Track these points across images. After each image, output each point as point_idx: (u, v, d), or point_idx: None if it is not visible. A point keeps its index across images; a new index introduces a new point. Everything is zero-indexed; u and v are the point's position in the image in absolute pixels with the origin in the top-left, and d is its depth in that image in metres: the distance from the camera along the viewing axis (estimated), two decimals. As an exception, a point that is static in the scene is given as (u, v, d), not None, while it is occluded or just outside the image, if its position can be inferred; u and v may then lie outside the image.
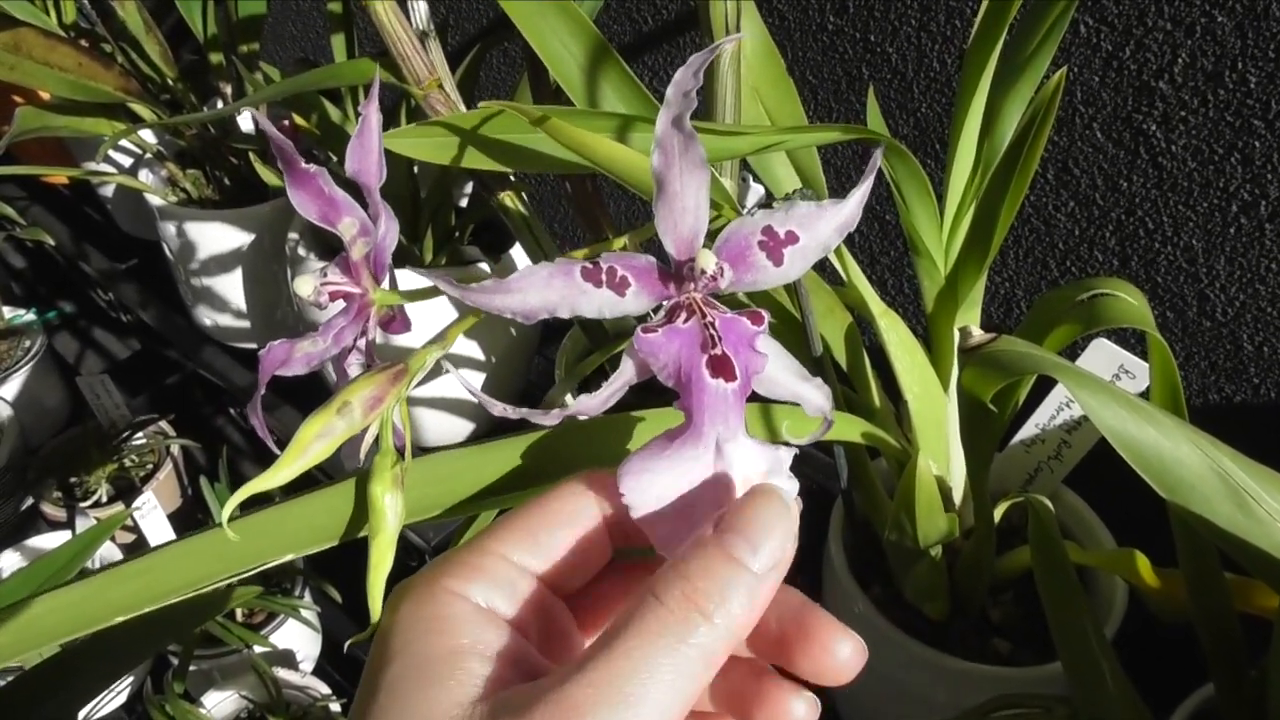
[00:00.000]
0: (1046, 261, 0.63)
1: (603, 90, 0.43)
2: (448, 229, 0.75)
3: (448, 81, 0.51)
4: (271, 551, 0.27)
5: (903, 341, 0.49)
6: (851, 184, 0.72)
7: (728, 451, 0.26)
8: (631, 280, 0.27)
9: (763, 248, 0.27)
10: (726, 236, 0.28)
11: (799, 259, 0.28)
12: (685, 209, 0.27)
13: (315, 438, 0.27)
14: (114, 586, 0.26)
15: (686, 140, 0.26)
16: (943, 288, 0.50)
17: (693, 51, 0.80)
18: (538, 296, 0.26)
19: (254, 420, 0.32)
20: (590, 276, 0.27)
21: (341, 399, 0.27)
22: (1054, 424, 0.55)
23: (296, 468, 0.27)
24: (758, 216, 0.28)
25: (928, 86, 0.63)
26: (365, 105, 0.31)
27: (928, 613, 0.53)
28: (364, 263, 0.31)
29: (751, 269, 0.28)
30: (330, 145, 0.73)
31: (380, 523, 0.28)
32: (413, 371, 0.29)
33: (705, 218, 0.27)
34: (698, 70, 0.25)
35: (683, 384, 0.26)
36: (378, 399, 0.28)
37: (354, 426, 0.28)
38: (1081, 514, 0.57)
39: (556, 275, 0.27)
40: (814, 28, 0.66)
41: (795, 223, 0.27)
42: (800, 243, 0.28)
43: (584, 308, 0.27)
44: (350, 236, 0.31)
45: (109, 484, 1.03)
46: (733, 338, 0.27)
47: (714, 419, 0.26)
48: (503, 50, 0.89)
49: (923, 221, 0.49)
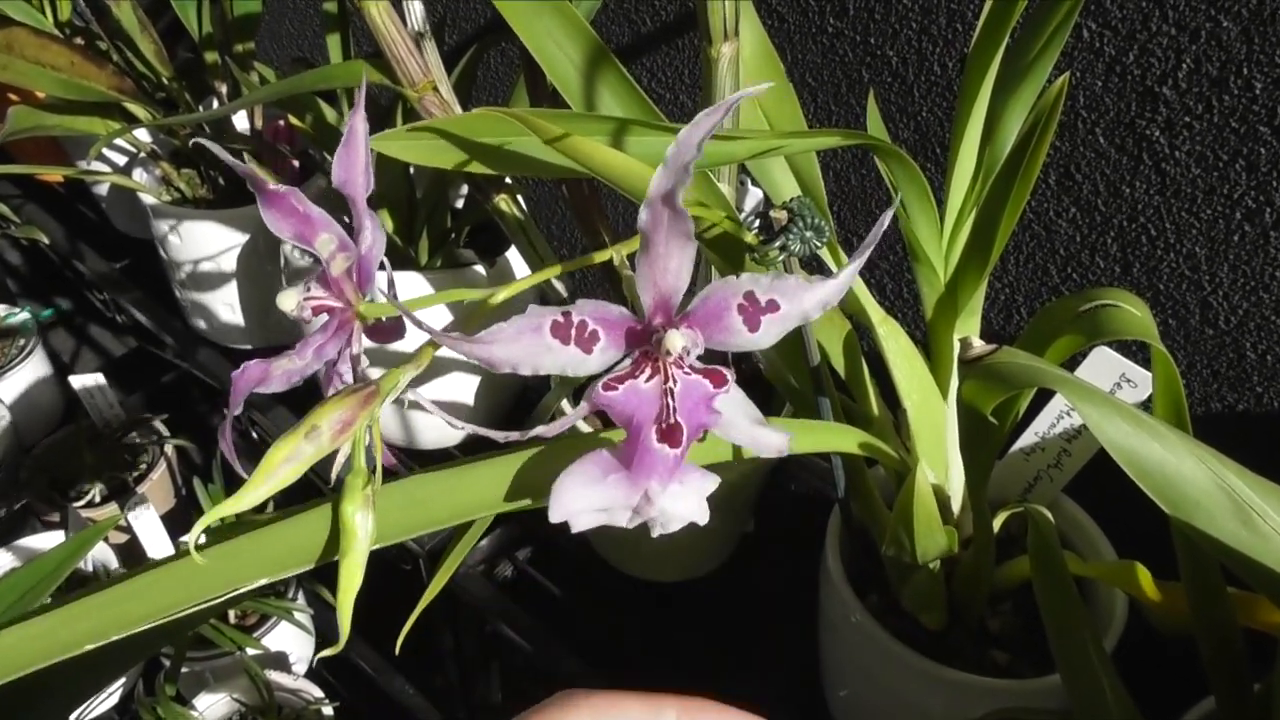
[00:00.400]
0: (1047, 268, 0.62)
1: (600, 94, 0.42)
2: (443, 230, 0.74)
3: (443, 84, 0.51)
4: (244, 577, 0.27)
5: (901, 349, 0.48)
6: (850, 188, 0.71)
7: (654, 495, 0.28)
8: (601, 335, 0.28)
9: (741, 312, 0.28)
10: (707, 295, 0.28)
11: (774, 327, 0.28)
12: (666, 270, 0.27)
13: (283, 461, 0.26)
14: (83, 617, 0.25)
15: (676, 215, 0.26)
16: (942, 295, 0.50)
17: (691, 53, 0.79)
18: (503, 351, 0.27)
19: (223, 444, 0.31)
20: (559, 332, 0.27)
21: (310, 422, 0.27)
22: (1054, 432, 0.54)
23: (263, 491, 0.26)
24: (743, 279, 0.28)
25: (928, 90, 0.62)
26: (352, 115, 0.31)
27: (925, 623, 0.52)
28: (345, 277, 0.31)
29: (724, 331, 0.28)
30: (325, 145, 0.72)
31: (350, 542, 0.28)
32: (384, 393, 0.29)
33: (685, 282, 0.28)
34: (704, 137, 0.25)
35: (630, 436, 0.28)
36: (347, 422, 0.28)
37: (322, 450, 0.27)
38: (1081, 524, 0.56)
39: (525, 332, 0.27)
40: (813, 30, 0.66)
41: (779, 293, 0.27)
42: (780, 312, 0.28)
43: (546, 366, 0.28)
44: (328, 253, 0.30)
45: (102, 484, 1.03)
46: (689, 403, 0.28)
47: (650, 475, 0.27)
48: (501, 50, 0.88)
49: (923, 228, 0.48)
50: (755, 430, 0.29)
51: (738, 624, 0.74)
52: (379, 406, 0.28)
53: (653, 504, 0.28)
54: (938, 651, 0.51)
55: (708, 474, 0.29)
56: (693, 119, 0.25)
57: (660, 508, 0.28)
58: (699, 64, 0.74)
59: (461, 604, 0.75)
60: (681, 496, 0.28)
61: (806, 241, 0.36)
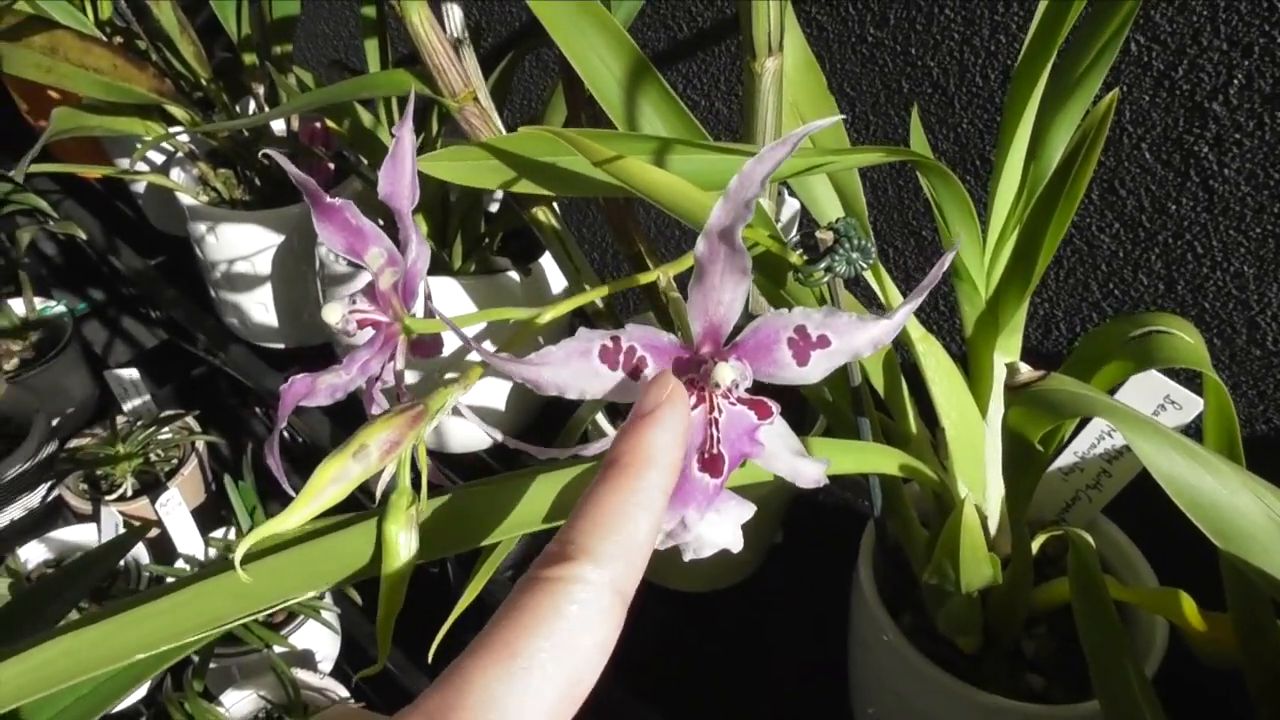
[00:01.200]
0: (1088, 284, 0.61)
1: (641, 108, 0.42)
2: (477, 236, 0.74)
3: (482, 92, 0.50)
4: (292, 589, 0.27)
5: (941, 366, 0.48)
6: (887, 199, 0.70)
7: (690, 524, 0.27)
8: (650, 362, 0.27)
9: (790, 345, 0.27)
10: (757, 327, 0.28)
11: (824, 362, 0.27)
12: (719, 302, 0.27)
13: (330, 482, 0.26)
14: (132, 626, 0.25)
15: (734, 251, 0.26)
16: (983, 312, 0.49)
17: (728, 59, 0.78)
18: (551, 374, 0.27)
19: (270, 460, 0.31)
20: (607, 358, 0.27)
21: (359, 442, 0.27)
22: (1094, 453, 0.54)
23: (309, 511, 0.26)
24: (794, 314, 0.27)
25: (969, 102, 0.61)
26: (399, 127, 0.30)
27: (960, 645, 0.52)
28: (392, 291, 0.31)
29: (773, 364, 0.28)
30: (361, 149, 0.72)
31: (393, 563, 0.28)
32: (432, 413, 0.28)
33: (736, 314, 0.27)
34: (768, 174, 0.25)
35: None
36: (395, 442, 0.27)
37: (370, 470, 0.27)
38: (1121, 546, 0.55)
39: (574, 356, 0.27)
40: (853, 40, 0.65)
41: (831, 329, 0.27)
42: (830, 348, 0.27)
43: (593, 391, 0.27)
44: (378, 267, 0.30)
45: (134, 478, 1.03)
46: (733, 434, 0.28)
47: (688, 503, 0.27)
48: (536, 55, 0.88)
49: (965, 246, 0.47)
50: (796, 461, 0.29)
51: (764, 636, 0.74)
52: (426, 428, 0.28)
53: (688, 530, 0.28)
54: (972, 674, 0.50)
55: (744, 502, 0.29)
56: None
57: (696, 534, 0.28)
58: (735, 71, 0.74)
59: (489, 609, 0.75)
60: (717, 525, 0.28)
61: (852, 263, 0.36)
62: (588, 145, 0.29)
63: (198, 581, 0.27)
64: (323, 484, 0.26)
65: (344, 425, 0.83)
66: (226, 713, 0.84)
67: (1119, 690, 0.43)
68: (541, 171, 0.36)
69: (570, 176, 0.36)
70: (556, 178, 0.36)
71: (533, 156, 0.36)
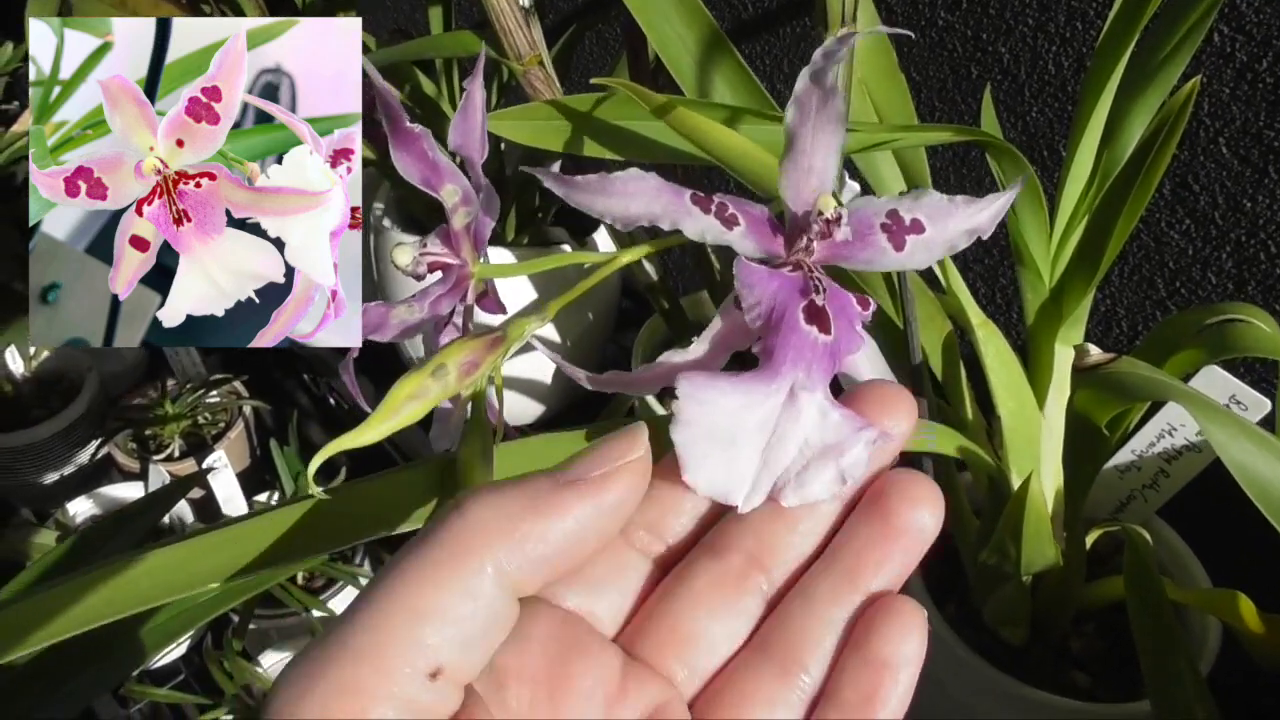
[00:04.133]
0: (1154, 280, 0.60)
1: (713, 81, 0.41)
2: (532, 208, 0.74)
3: (547, 59, 0.50)
4: (369, 528, 0.27)
5: (1000, 354, 0.47)
6: (949, 188, 0.69)
7: (801, 401, 0.23)
8: (741, 220, 0.26)
9: (885, 230, 0.26)
10: (851, 211, 0.26)
11: (921, 250, 0.26)
12: (811, 169, 0.26)
13: (408, 398, 0.26)
14: (210, 553, 0.25)
15: (826, 95, 0.25)
16: (1046, 301, 0.48)
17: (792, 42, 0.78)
18: (641, 204, 0.25)
19: (345, 376, 0.31)
20: (700, 203, 0.26)
21: (437, 361, 0.26)
22: (1153, 451, 0.52)
23: (386, 428, 0.25)
24: (884, 200, 0.27)
25: (1040, 89, 0.60)
26: (470, 81, 0.30)
27: (1006, 637, 0.51)
28: (465, 233, 0.30)
29: (870, 247, 0.26)
30: (422, 118, 0.72)
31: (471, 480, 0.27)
32: (511, 340, 0.28)
33: (832, 181, 0.26)
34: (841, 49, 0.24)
35: (772, 325, 0.24)
36: (474, 363, 0.27)
37: (448, 389, 0.26)
38: (1175, 547, 0.54)
39: (665, 191, 0.26)
40: (923, 23, 0.64)
41: (923, 212, 0.26)
42: (925, 234, 0.26)
43: (688, 226, 0.26)
44: (453, 204, 0.30)
45: (181, 439, 1.05)
46: (836, 304, 0.25)
47: (796, 361, 0.24)
48: (597, 33, 0.88)
49: (1031, 231, 0.47)
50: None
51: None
52: (504, 355, 0.28)
53: (799, 413, 0.23)
54: (1016, 668, 0.50)
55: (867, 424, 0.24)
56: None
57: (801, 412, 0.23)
58: (799, 54, 0.73)
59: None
60: (830, 424, 0.23)
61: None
62: (650, 95, 0.29)
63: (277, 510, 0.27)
64: (400, 399, 0.26)
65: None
66: (265, 673, 0.84)
67: (1174, 692, 0.42)
68: (608, 134, 0.36)
69: (638, 140, 0.36)
70: (624, 140, 0.36)
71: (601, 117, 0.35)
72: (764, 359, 0.24)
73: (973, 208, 0.26)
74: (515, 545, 0.21)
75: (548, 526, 0.21)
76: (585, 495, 0.22)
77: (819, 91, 0.24)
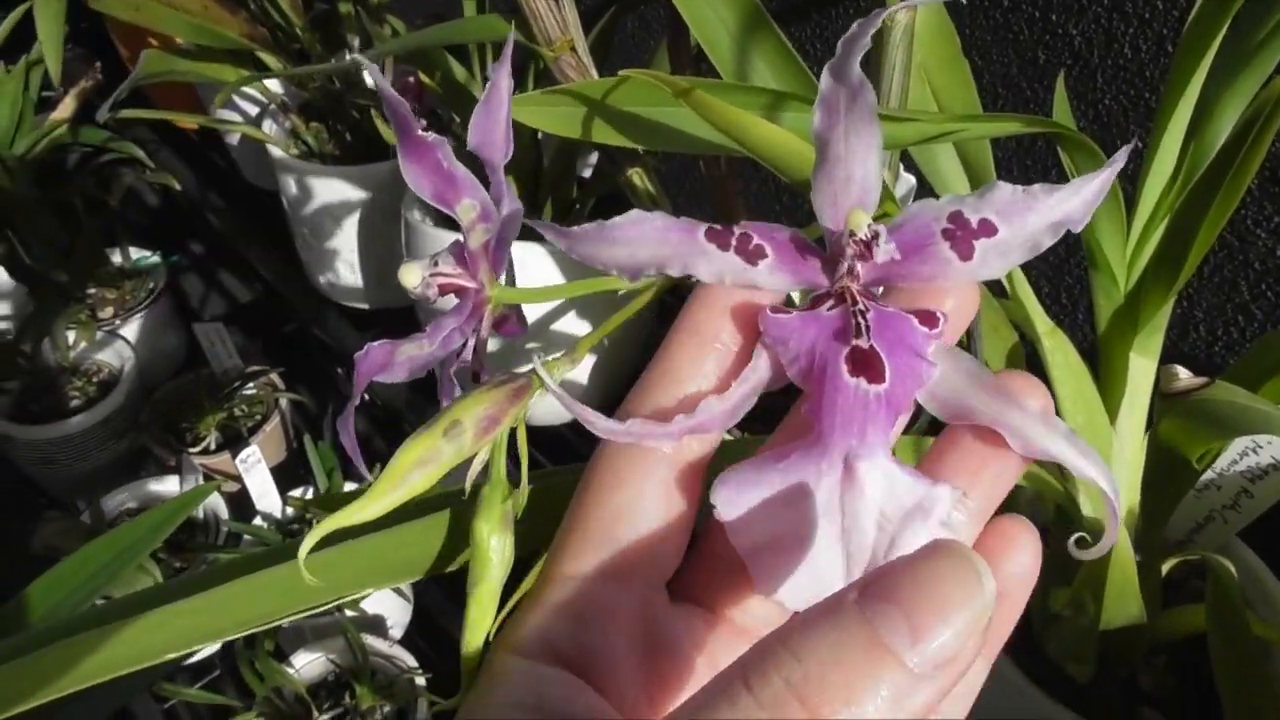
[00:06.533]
0: (1237, 283, 0.55)
1: (753, 63, 0.38)
2: (568, 202, 0.71)
3: (580, 44, 0.47)
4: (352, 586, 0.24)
5: (1069, 365, 0.43)
6: (1012, 180, 0.65)
7: (860, 472, 0.20)
8: (769, 251, 0.22)
9: (948, 237, 0.22)
10: (904, 219, 0.22)
11: (995, 256, 0.22)
12: (849, 178, 0.22)
13: (416, 465, 0.22)
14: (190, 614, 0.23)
15: (854, 91, 0.21)
16: (1120, 308, 0.44)
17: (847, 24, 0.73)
18: (648, 250, 0.22)
19: (344, 437, 0.27)
20: (716, 239, 0.22)
21: (451, 417, 0.23)
22: (1234, 470, 0.48)
23: (390, 501, 0.22)
24: (943, 201, 0.22)
25: (1114, 75, 0.56)
26: (495, 68, 0.27)
27: (1070, 672, 0.47)
28: (482, 252, 0.27)
29: (930, 261, 0.22)
30: (453, 105, 0.70)
31: (484, 570, 0.24)
32: (536, 387, 0.25)
33: (874, 192, 0.22)
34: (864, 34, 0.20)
35: (813, 380, 0.21)
36: (494, 419, 0.23)
37: (463, 452, 0.23)
38: (1257, 574, 0.50)
39: (674, 229, 0.22)
40: (986, 3, 0.60)
41: (993, 211, 0.22)
42: (998, 236, 0.22)
43: (702, 269, 0.22)
44: (469, 220, 0.26)
45: (218, 431, 1.04)
46: (889, 334, 0.21)
47: (846, 426, 0.21)
48: (639, 15, 0.84)
49: (1106, 231, 0.43)
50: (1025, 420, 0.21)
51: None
52: (527, 406, 0.25)
53: (861, 489, 0.20)
54: (1082, 703, 0.46)
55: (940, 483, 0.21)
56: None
57: (863, 484, 0.20)
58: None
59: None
60: (904, 487, 0.20)
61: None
62: (673, 81, 0.25)
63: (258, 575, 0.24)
64: (407, 467, 0.22)
65: (420, 390, 0.81)
66: (296, 673, 0.83)
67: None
68: (633, 122, 0.33)
69: (669, 130, 0.33)
70: (652, 130, 0.33)
71: (624, 105, 0.32)
72: (809, 426, 0.21)
73: (1055, 197, 0.22)
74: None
75: None
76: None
77: (845, 88, 0.21)
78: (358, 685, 0.81)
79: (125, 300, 1.12)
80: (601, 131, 0.33)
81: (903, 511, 0.20)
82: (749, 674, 0.16)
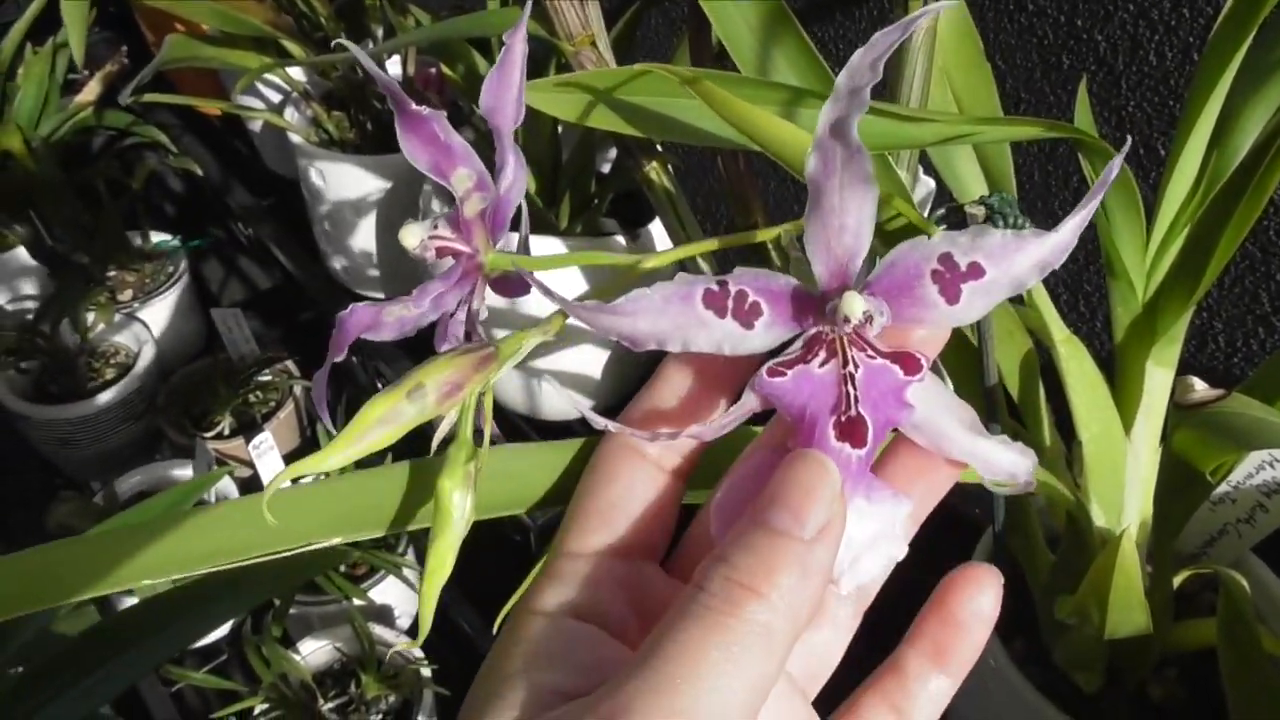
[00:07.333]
0: (1258, 294, 0.55)
1: (774, 60, 0.37)
2: (586, 196, 0.71)
3: (601, 39, 0.47)
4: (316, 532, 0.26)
5: (1084, 373, 0.43)
6: (1033, 186, 0.64)
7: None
8: (764, 308, 0.23)
9: (936, 279, 0.23)
10: (893, 261, 0.23)
11: (979, 298, 0.23)
12: (843, 228, 0.22)
13: (378, 422, 0.23)
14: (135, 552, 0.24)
15: (851, 152, 0.21)
16: (1138, 316, 0.44)
17: (869, 25, 0.72)
18: (647, 323, 0.23)
19: (316, 394, 0.28)
20: (714, 302, 0.23)
21: (415, 380, 0.24)
22: (1250, 483, 0.48)
23: (350, 454, 0.23)
24: (935, 241, 0.23)
25: (1139, 82, 0.55)
26: (510, 34, 0.27)
27: (1079, 683, 0.47)
28: (478, 220, 0.27)
29: (917, 304, 0.23)
30: (475, 97, 0.69)
31: (445, 523, 0.24)
32: (503, 358, 0.25)
33: (865, 241, 0.23)
34: (879, 59, 0.20)
35: (803, 434, 0.23)
36: (457, 385, 0.24)
37: (424, 413, 0.24)
38: (1271, 590, 0.49)
39: (673, 300, 0.23)
40: (1011, 7, 0.59)
41: (982, 254, 0.22)
42: (985, 278, 0.23)
43: (699, 343, 0.23)
44: (464, 190, 0.27)
45: (232, 417, 1.04)
46: (875, 393, 0.23)
47: None
48: (662, 11, 0.84)
49: (1125, 239, 0.42)
50: (975, 442, 0.24)
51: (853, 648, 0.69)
52: (496, 373, 0.25)
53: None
54: (1089, 714, 0.45)
55: (900, 496, 0.24)
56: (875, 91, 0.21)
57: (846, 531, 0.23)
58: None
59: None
60: (871, 517, 0.23)
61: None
62: (679, 71, 0.25)
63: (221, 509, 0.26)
64: (368, 424, 0.23)
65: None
66: (302, 660, 0.83)
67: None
68: (646, 113, 0.33)
69: (680, 123, 0.33)
70: (664, 122, 0.33)
71: (637, 96, 0.32)
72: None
73: (1042, 240, 0.22)
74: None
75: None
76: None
77: (842, 148, 0.21)
78: (364, 674, 0.81)
79: (145, 284, 1.12)
80: (611, 120, 0.33)
81: (867, 537, 0.23)
82: (699, 581, 0.22)
